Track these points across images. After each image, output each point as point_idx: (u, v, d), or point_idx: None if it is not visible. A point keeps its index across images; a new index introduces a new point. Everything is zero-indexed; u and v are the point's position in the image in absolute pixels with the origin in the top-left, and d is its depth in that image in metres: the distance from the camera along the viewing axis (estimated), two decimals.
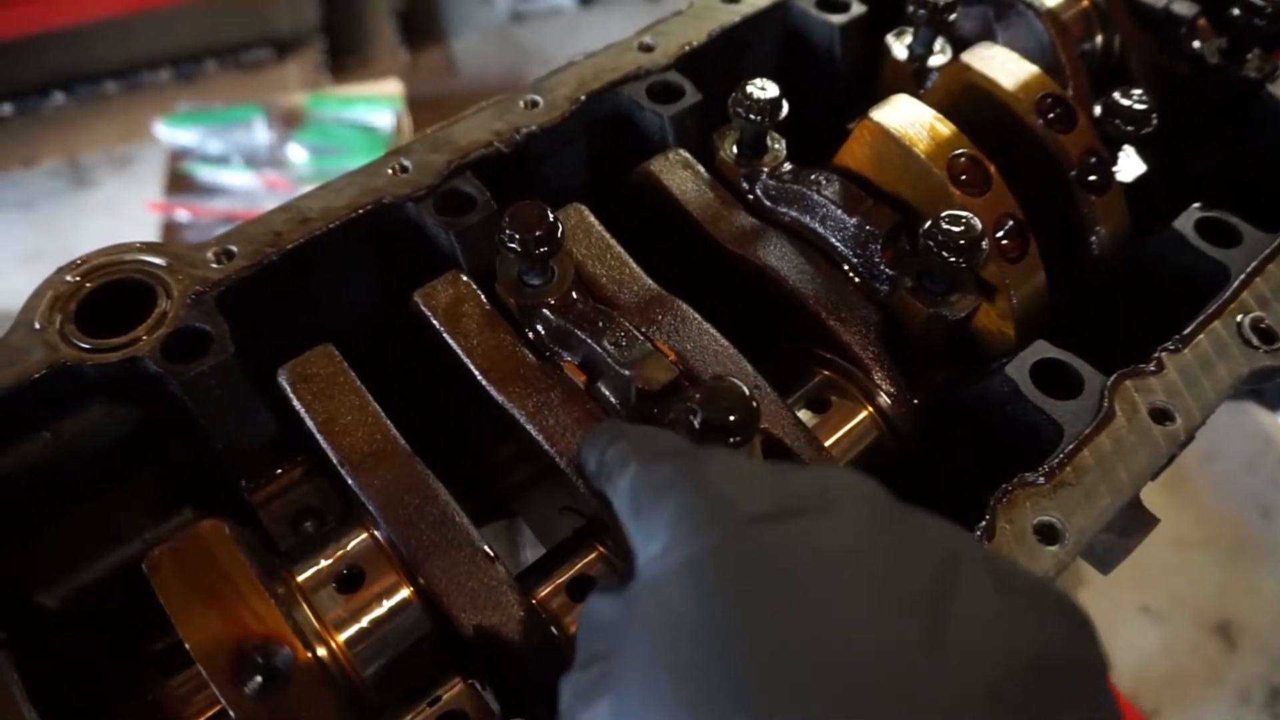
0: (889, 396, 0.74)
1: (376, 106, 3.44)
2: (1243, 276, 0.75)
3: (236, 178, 3.28)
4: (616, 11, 4.19)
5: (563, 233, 0.69)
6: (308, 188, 3.06)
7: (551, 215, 0.69)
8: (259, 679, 0.50)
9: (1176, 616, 2.47)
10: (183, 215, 3.18)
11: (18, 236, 3.33)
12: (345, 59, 3.80)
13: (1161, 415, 0.68)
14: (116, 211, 3.38)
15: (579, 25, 4.10)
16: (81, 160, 3.53)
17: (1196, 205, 0.80)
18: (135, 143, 3.51)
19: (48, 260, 3.26)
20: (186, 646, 0.51)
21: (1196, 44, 0.93)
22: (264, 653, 0.50)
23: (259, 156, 3.33)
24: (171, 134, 3.34)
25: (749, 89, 0.79)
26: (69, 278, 0.73)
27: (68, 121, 3.58)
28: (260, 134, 3.35)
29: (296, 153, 3.32)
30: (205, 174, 3.29)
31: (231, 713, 0.49)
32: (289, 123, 3.40)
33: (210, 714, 0.65)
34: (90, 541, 0.80)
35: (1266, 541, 2.57)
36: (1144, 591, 2.49)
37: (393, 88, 3.49)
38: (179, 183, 3.27)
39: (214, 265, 0.74)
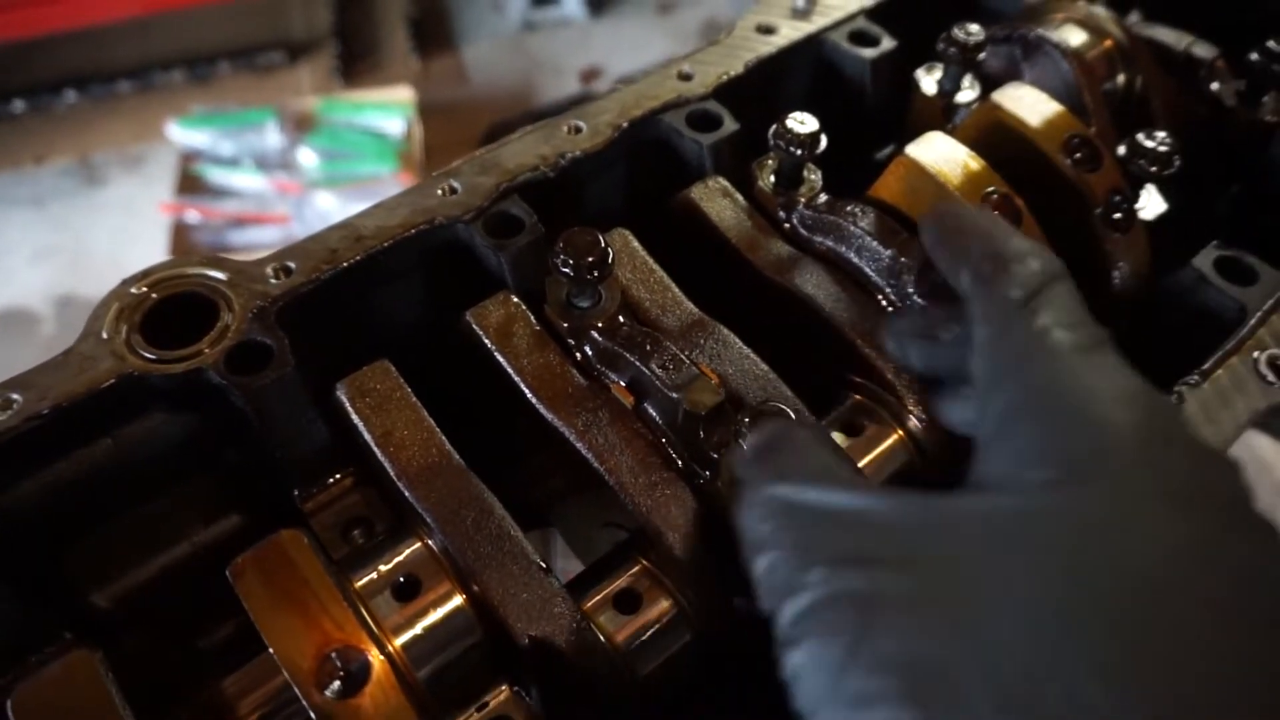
0: (920, 421, 0.77)
1: (388, 112, 3.47)
2: (1259, 314, 0.78)
3: (247, 180, 3.31)
4: (627, 22, 4.23)
5: (613, 258, 0.72)
6: (318, 192, 3.09)
7: (603, 241, 0.72)
8: (338, 684, 0.53)
9: None
10: (193, 216, 3.21)
11: (29, 233, 3.36)
12: (357, 64, 3.84)
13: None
14: (127, 210, 3.40)
15: (590, 35, 4.15)
16: (93, 159, 3.56)
17: (1215, 244, 0.84)
18: (147, 143, 3.54)
19: (58, 257, 3.28)
20: (270, 651, 0.54)
21: (1215, 86, 0.97)
22: (343, 658, 0.53)
23: (270, 159, 3.37)
24: (184, 135, 3.37)
25: (789, 123, 0.82)
26: (134, 289, 0.76)
27: (80, 120, 3.61)
28: (272, 137, 3.38)
29: (307, 156, 3.35)
30: (216, 176, 3.32)
31: (313, 715, 0.52)
32: (300, 126, 3.43)
33: (263, 714, 0.68)
34: (141, 544, 0.82)
35: None
36: None
37: (404, 94, 3.53)
38: (190, 184, 3.30)
39: (273, 280, 0.77)
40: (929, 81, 0.97)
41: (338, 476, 0.79)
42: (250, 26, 3.78)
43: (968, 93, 0.96)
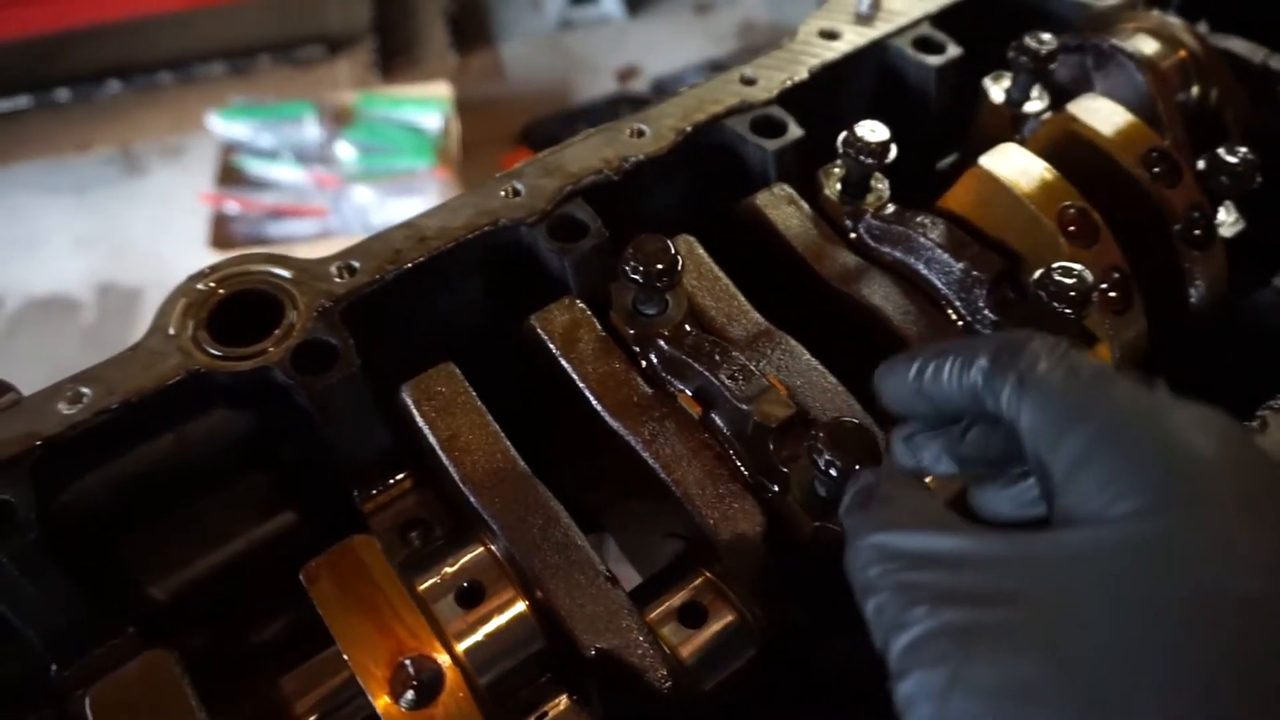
0: None
1: (425, 107, 3.48)
2: None
3: (286, 173, 3.33)
4: (664, 21, 4.22)
5: (681, 266, 0.72)
6: (356, 186, 3.11)
7: (673, 249, 0.71)
8: (412, 693, 0.52)
9: None
10: (232, 207, 3.24)
11: (70, 221, 3.40)
12: (395, 59, 3.86)
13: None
14: (167, 200, 3.44)
15: (626, 34, 4.14)
16: (134, 148, 3.60)
17: None
18: (187, 133, 3.57)
19: (99, 245, 3.32)
20: (344, 657, 0.54)
21: None
22: (417, 666, 0.53)
23: (308, 152, 3.39)
24: (224, 127, 3.40)
25: (860, 131, 0.81)
26: (200, 286, 0.76)
27: (122, 110, 3.66)
28: (310, 130, 3.41)
29: (345, 150, 3.37)
30: (255, 167, 3.34)
31: None
32: (339, 120, 3.45)
33: (323, 712, 0.67)
34: (198, 539, 0.82)
35: None
36: None
37: (442, 89, 3.53)
38: (229, 175, 3.33)
39: (337, 279, 0.77)
40: (997, 90, 0.95)
41: (398, 478, 0.79)
42: (290, 21, 3.81)
43: (1036, 103, 0.94)
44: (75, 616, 0.70)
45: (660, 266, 0.70)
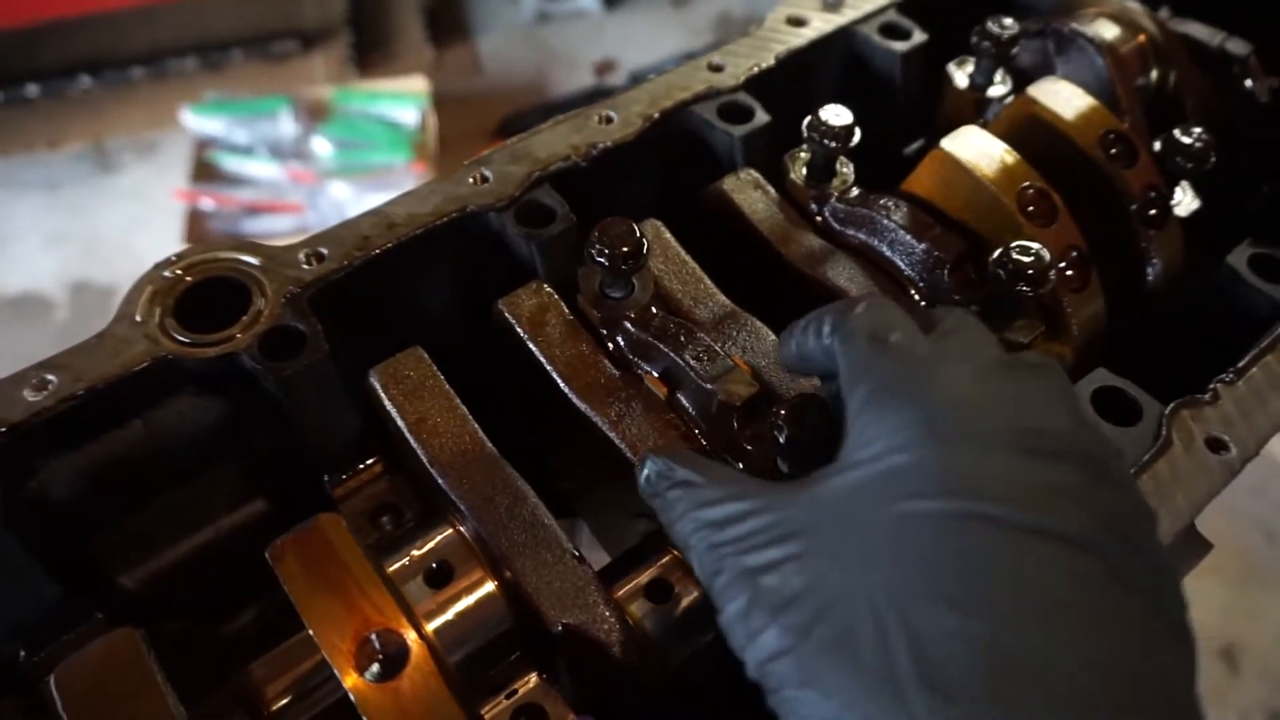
0: None
1: (402, 102, 3.47)
2: None
3: (261, 168, 3.31)
4: (641, 14, 4.22)
5: (647, 249, 0.72)
6: (332, 181, 3.10)
7: (638, 231, 0.72)
8: (377, 666, 0.53)
9: None
10: (207, 204, 3.21)
11: (41, 218, 3.36)
12: (371, 54, 3.84)
13: (1217, 445, 0.71)
14: (141, 197, 3.41)
15: (604, 27, 4.14)
16: (107, 144, 3.56)
17: (1249, 241, 0.83)
18: (161, 129, 3.54)
19: (71, 243, 3.29)
20: (310, 633, 0.54)
21: (1248, 83, 0.96)
22: (382, 641, 0.53)
23: (284, 148, 3.37)
24: (198, 122, 3.37)
25: (824, 115, 0.82)
26: (167, 273, 0.76)
27: (94, 105, 3.61)
28: (286, 125, 3.38)
29: (321, 145, 3.35)
30: (230, 163, 3.32)
31: (353, 698, 0.52)
32: (314, 115, 3.43)
33: (290, 698, 0.68)
34: (168, 527, 0.82)
35: (1272, 566, 2.60)
36: None
37: (418, 84, 3.52)
38: (204, 171, 3.30)
39: (305, 266, 0.77)
40: (961, 75, 0.96)
41: (367, 463, 0.79)
42: (264, 14, 3.78)
43: (1000, 87, 0.95)
44: (44, 603, 0.70)
45: (626, 249, 0.71)
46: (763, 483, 0.57)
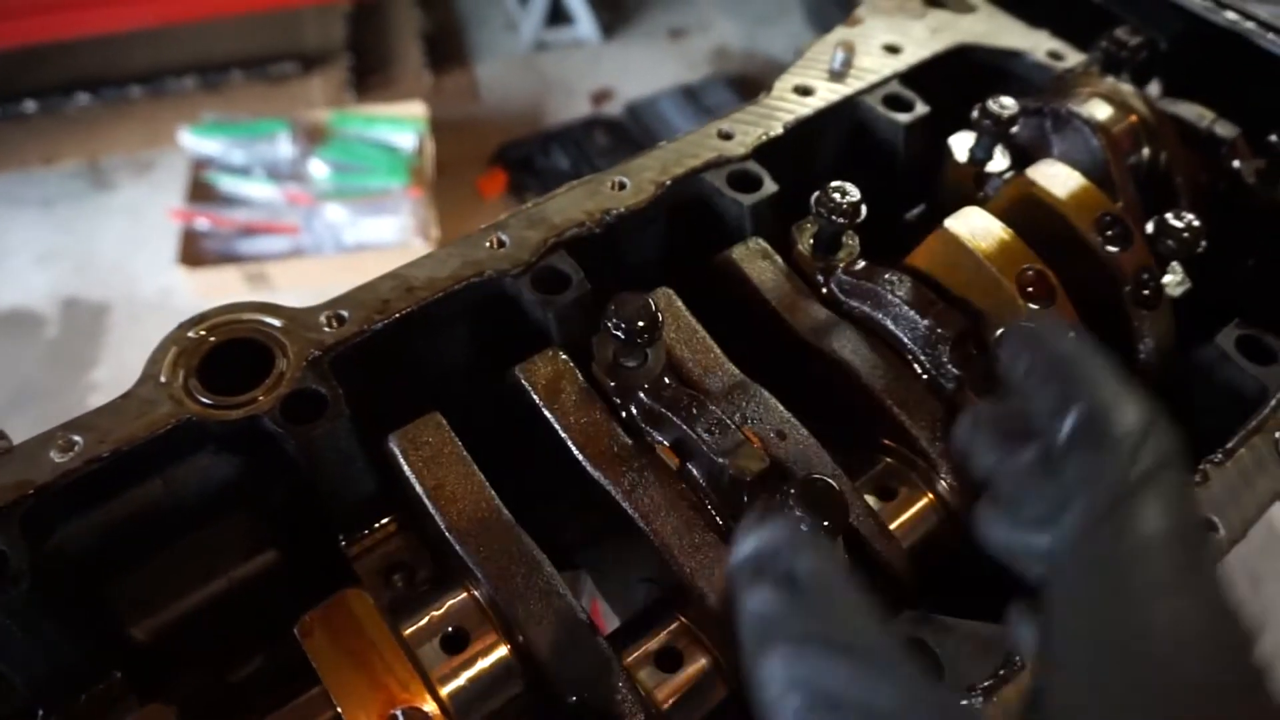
0: (950, 485, 0.80)
1: (400, 127, 3.49)
2: None
3: (258, 189, 3.32)
4: (638, 45, 4.28)
5: (661, 323, 0.75)
6: (328, 204, 3.11)
7: (654, 306, 0.74)
8: None
9: None
10: (202, 224, 3.22)
11: (36, 235, 3.36)
12: (370, 78, 3.87)
13: (1207, 526, 0.74)
14: (136, 216, 3.41)
15: (601, 57, 4.19)
16: (102, 162, 3.56)
17: (1236, 322, 0.87)
18: (157, 148, 3.55)
19: (64, 260, 3.29)
20: (332, 708, 0.56)
21: (1236, 164, 1.00)
22: (408, 718, 0.55)
23: (281, 170, 3.38)
24: (195, 142, 3.38)
25: (832, 193, 0.85)
26: (191, 333, 0.78)
27: (90, 122, 3.62)
28: (283, 147, 3.40)
29: (318, 168, 3.37)
30: (227, 184, 3.33)
31: None
32: (312, 138, 3.45)
33: None
34: (179, 578, 0.84)
35: (1256, 609, 2.64)
36: None
37: (416, 109, 3.55)
38: (200, 191, 3.31)
39: (326, 329, 0.79)
40: (961, 150, 1.00)
41: (382, 522, 0.81)
42: (264, 37, 3.80)
43: (999, 161, 0.99)
44: (62, 662, 0.71)
45: (641, 324, 0.73)
46: (916, 663, 0.41)
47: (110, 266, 3.27)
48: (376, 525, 0.81)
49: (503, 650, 0.70)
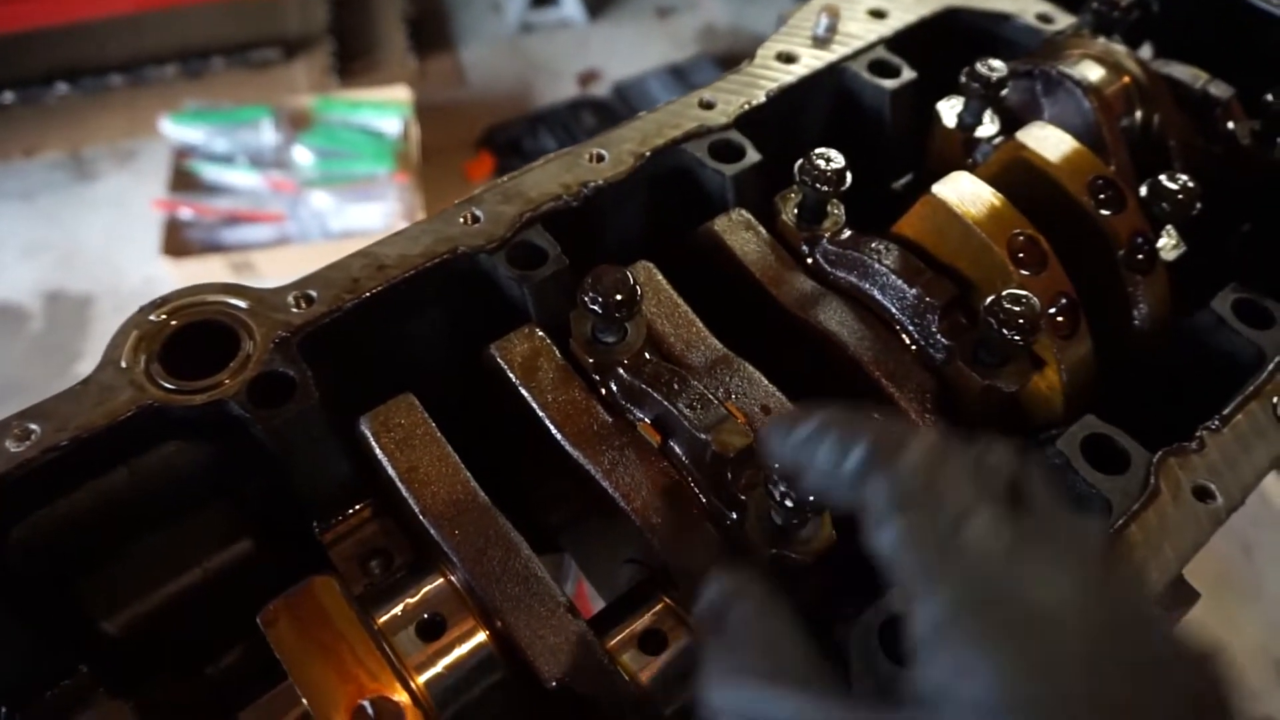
0: None
1: (384, 112, 3.45)
2: (1278, 359, 0.79)
3: (241, 178, 3.28)
4: (626, 25, 4.23)
5: (640, 296, 0.72)
6: (313, 191, 3.08)
7: (631, 279, 0.72)
8: None
9: None
10: (186, 213, 3.18)
11: (18, 227, 3.32)
12: (354, 63, 3.82)
13: (1204, 493, 0.72)
14: (119, 206, 3.37)
15: (588, 38, 4.14)
16: (84, 153, 3.52)
17: (1233, 286, 0.84)
18: (140, 138, 3.51)
19: (47, 252, 3.25)
20: (303, 701, 0.54)
21: (1230, 125, 0.97)
22: (377, 709, 0.53)
23: (265, 157, 3.34)
24: (177, 131, 3.34)
25: (816, 160, 0.82)
26: (153, 317, 0.75)
27: (71, 113, 3.58)
28: (267, 135, 3.36)
29: (302, 155, 3.33)
30: (210, 172, 3.29)
31: None
32: (296, 124, 3.41)
33: None
34: (152, 570, 0.81)
35: (1248, 579, 2.64)
36: None
37: (401, 93, 3.51)
38: (183, 180, 3.27)
39: (294, 309, 0.76)
40: (950, 114, 0.97)
41: (357, 507, 0.79)
42: (245, 22, 3.75)
43: (988, 127, 0.96)
44: (26, 659, 0.69)
45: (619, 297, 0.71)
46: (828, 676, 0.46)
47: (94, 258, 3.23)
48: (351, 511, 0.78)
49: (481, 636, 0.67)
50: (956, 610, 0.43)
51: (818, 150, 0.83)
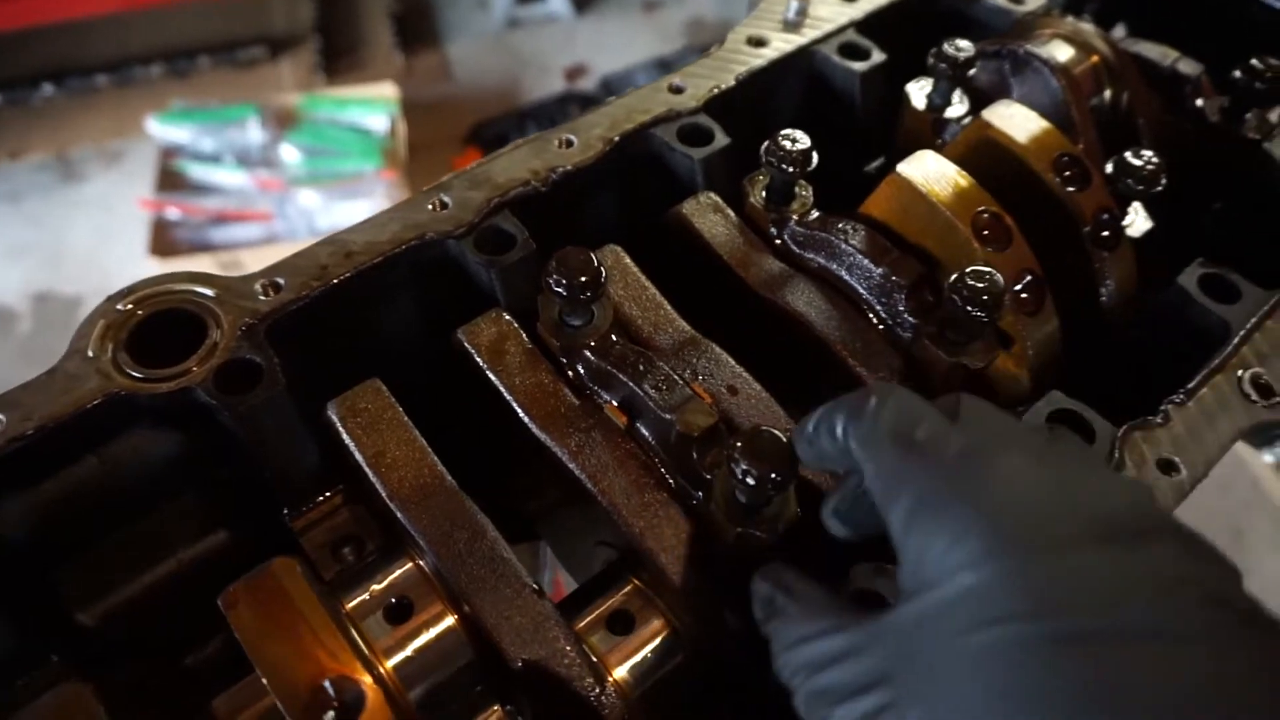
0: None
1: (371, 109, 3.44)
2: (1242, 333, 0.79)
3: (228, 176, 3.27)
4: (612, 20, 4.22)
5: (605, 278, 0.72)
6: (301, 189, 3.07)
7: (596, 261, 0.72)
8: (332, 714, 0.52)
9: None
10: (173, 213, 3.17)
11: (5, 230, 3.31)
12: (340, 60, 3.81)
13: (1168, 466, 0.72)
14: (106, 207, 3.36)
15: (574, 32, 4.13)
16: (71, 154, 3.51)
17: (1199, 261, 0.85)
18: (126, 138, 3.50)
19: (35, 254, 3.24)
20: (264, 682, 0.54)
21: (1199, 102, 0.98)
22: (337, 688, 0.53)
23: (251, 156, 3.33)
24: (164, 131, 3.33)
25: (781, 140, 0.82)
26: (120, 306, 0.75)
27: (57, 114, 3.57)
28: (253, 133, 3.35)
29: (289, 153, 3.32)
30: (197, 172, 3.28)
31: None
32: (282, 123, 3.40)
33: None
34: (127, 561, 0.81)
35: (1239, 563, 2.64)
36: None
37: (388, 90, 3.50)
38: (170, 180, 3.26)
39: (262, 297, 0.76)
40: (919, 96, 0.97)
41: (327, 495, 0.79)
42: (231, 21, 3.74)
43: (957, 107, 0.96)
44: None
45: (584, 279, 0.71)
46: (850, 611, 0.55)
47: (82, 259, 3.23)
48: (321, 498, 0.79)
49: (450, 620, 0.68)
50: (919, 502, 0.50)
51: (784, 131, 0.83)
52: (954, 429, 0.53)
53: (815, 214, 0.86)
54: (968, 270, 0.73)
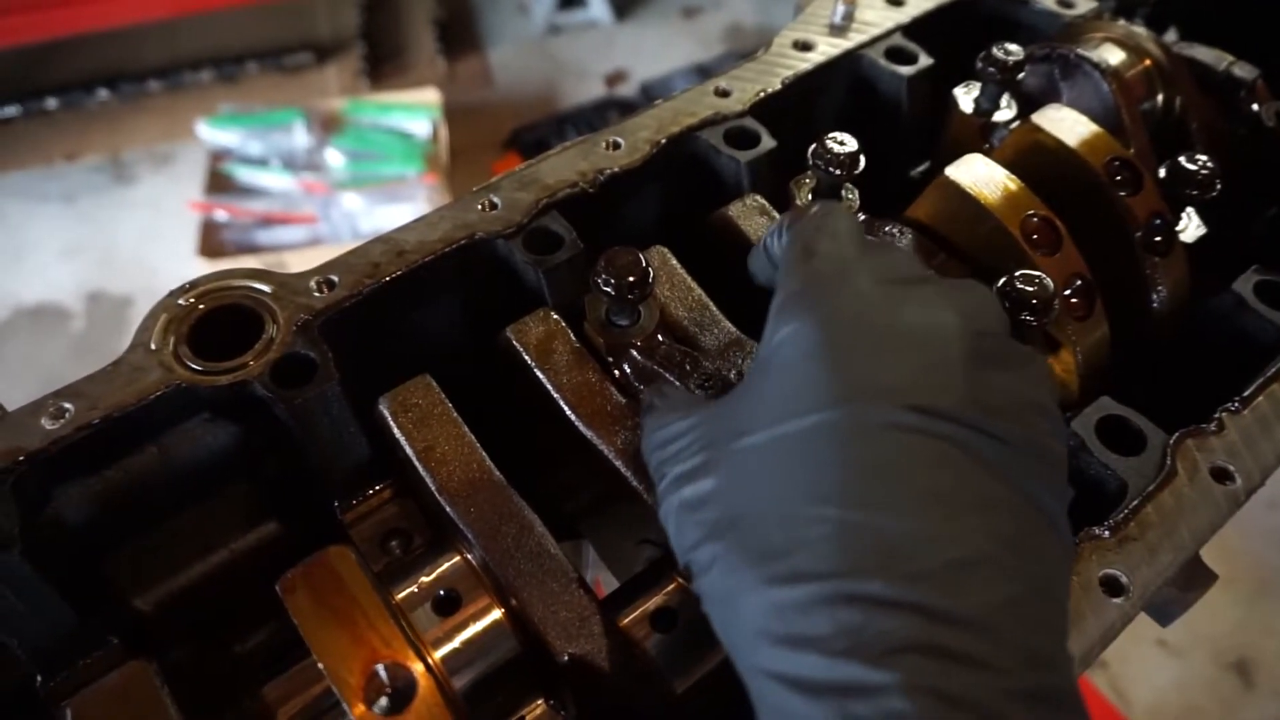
0: None
1: (414, 114, 3.50)
2: None
3: (275, 180, 3.34)
4: (652, 25, 4.24)
5: (653, 277, 0.73)
6: (345, 192, 3.14)
7: (644, 261, 0.73)
8: (385, 700, 0.54)
9: (1194, 653, 2.49)
10: (221, 215, 3.25)
11: (58, 229, 3.40)
12: (384, 66, 3.88)
13: (1222, 475, 0.71)
14: (156, 208, 3.45)
15: (614, 38, 4.16)
16: (123, 157, 3.60)
17: (1255, 268, 0.83)
18: (176, 141, 3.58)
19: (88, 254, 3.33)
20: (319, 667, 0.55)
21: (1255, 107, 0.96)
22: (391, 674, 0.54)
23: (297, 160, 3.40)
24: (212, 134, 3.41)
25: (828, 143, 0.83)
26: (181, 300, 0.77)
27: (111, 118, 3.66)
28: (299, 137, 3.42)
29: (334, 157, 3.39)
30: (244, 175, 3.35)
31: None
32: (327, 127, 3.47)
33: None
34: (182, 549, 0.84)
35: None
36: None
37: (430, 96, 3.55)
38: (218, 182, 3.34)
39: (316, 294, 0.78)
40: (967, 100, 0.97)
41: (377, 488, 0.80)
42: (278, 28, 3.82)
43: (1005, 112, 0.96)
44: (60, 629, 0.71)
45: (632, 279, 0.72)
46: (701, 402, 0.64)
47: (132, 259, 3.31)
48: (371, 492, 0.80)
49: (496, 613, 0.69)
50: (799, 293, 0.58)
51: (831, 134, 0.83)
52: (855, 251, 0.61)
53: (861, 217, 0.86)
54: (1017, 274, 0.72)
